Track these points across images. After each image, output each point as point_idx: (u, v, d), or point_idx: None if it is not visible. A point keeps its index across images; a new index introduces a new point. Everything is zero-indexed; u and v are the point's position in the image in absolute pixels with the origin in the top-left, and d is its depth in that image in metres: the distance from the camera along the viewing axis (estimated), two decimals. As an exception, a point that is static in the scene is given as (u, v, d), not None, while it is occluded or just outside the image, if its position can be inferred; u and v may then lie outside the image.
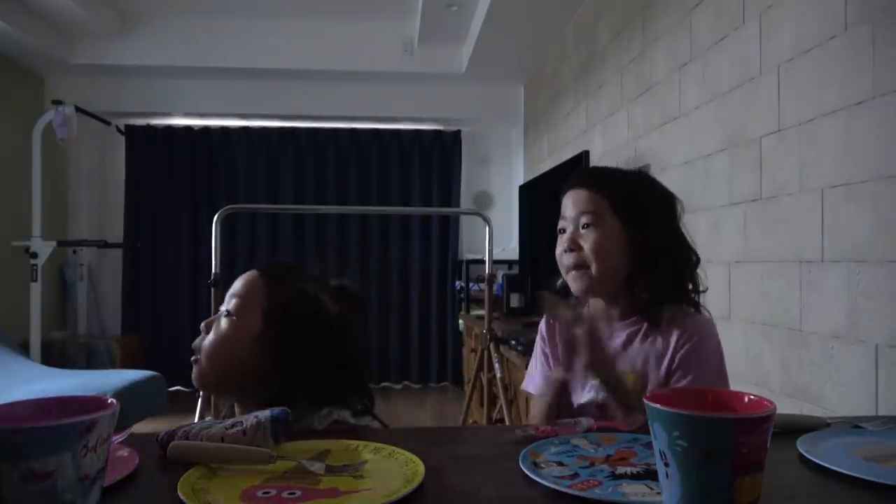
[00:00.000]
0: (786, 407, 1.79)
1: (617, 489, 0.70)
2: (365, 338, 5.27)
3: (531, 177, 4.89)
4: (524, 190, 5.00)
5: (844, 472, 0.73)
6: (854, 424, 0.97)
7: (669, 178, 2.57)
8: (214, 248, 2.83)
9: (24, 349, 4.12)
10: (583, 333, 1.06)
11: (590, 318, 1.09)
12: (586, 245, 1.15)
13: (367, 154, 5.73)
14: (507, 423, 2.83)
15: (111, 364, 5.02)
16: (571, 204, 1.19)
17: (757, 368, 1.98)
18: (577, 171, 1.35)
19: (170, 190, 5.54)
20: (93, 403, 0.62)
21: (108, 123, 5.13)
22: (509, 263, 5.21)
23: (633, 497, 0.67)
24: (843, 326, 1.62)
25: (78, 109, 4.43)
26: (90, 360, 5.08)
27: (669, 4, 2.62)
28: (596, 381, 1.13)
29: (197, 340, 1.12)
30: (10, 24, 4.15)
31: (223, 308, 1.12)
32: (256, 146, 5.64)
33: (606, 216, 1.16)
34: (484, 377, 3.02)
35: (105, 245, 5.00)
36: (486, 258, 3.09)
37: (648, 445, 0.73)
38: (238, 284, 1.14)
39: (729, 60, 2.17)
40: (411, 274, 5.75)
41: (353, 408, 1.07)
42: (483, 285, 3.40)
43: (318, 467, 0.75)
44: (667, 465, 0.57)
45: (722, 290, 2.17)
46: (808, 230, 1.75)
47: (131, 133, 5.52)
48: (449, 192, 5.79)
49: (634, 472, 0.75)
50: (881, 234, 1.51)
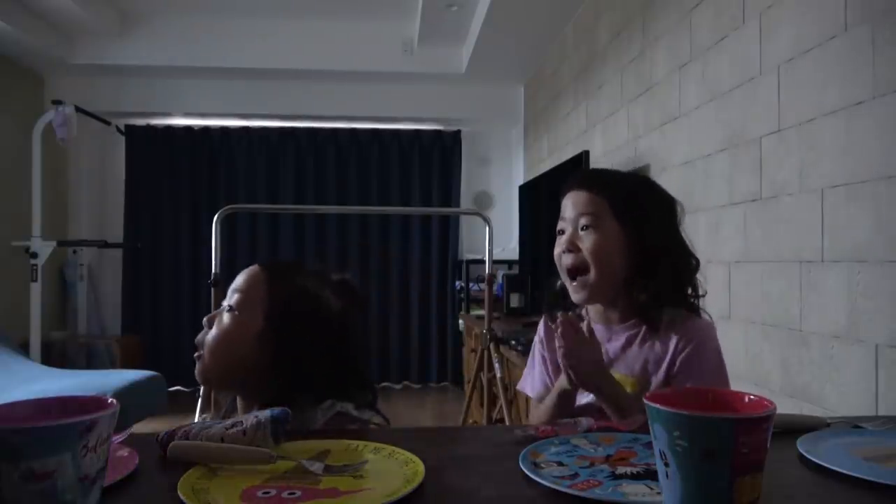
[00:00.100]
0: (786, 407, 1.79)
1: (617, 489, 0.70)
2: (365, 337, 5.28)
3: (531, 177, 4.89)
4: (524, 190, 5.00)
5: (844, 472, 0.73)
6: (854, 424, 0.97)
7: (669, 178, 2.57)
8: (214, 248, 2.83)
9: (24, 349, 4.12)
10: (572, 344, 1.06)
11: (586, 331, 1.09)
12: (585, 246, 1.15)
13: (367, 154, 5.73)
14: (507, 423, 2.83)
15: (111, 364, 5.02)
16: (571, 205, 1.18)
17: (757, 368, 1.98)
18: (576, 172, 1.35)
19: (170, 190, 5.54)
20: (93, 403, 0.62)
21: (108, 123, 5.13)
22: (509, 263, 5.21)
23: (633, 497, 0.67)
24: (843, 326, 1.62)
25: (78, 109, 4.43)
26: (90, 360, 5.08)
27: (669, 4, 2.62)
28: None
29: (199, 335, 1.12)
30: (10, 24, 4.15)
31: (225, 303, 1.12)
32: (256, 146, 5.63)
33: (606, 218, 1.15)
34: (484, 377, 3.02)
35: (105, 245, 5.00)
36: (486, 258, 3.09)
37: (648, 445, 0.73)
38: (240, 279, 1.14)
39: (729, 60, 2.17)
40: (411, 274, 5.74)
41: (356, 401, 1.08)
42: (483, 285, 3.40)
43: (317, 467, 0.75)
44: (667, 465, 0.57)
45: (722, 290, 2.17)
46: (808, 230, 1.75)
47: (131, 133, 5.52)
48: (449, 192, 5.78)
49: (634, 472, 0.75)
50: (881, 234, 1.51)
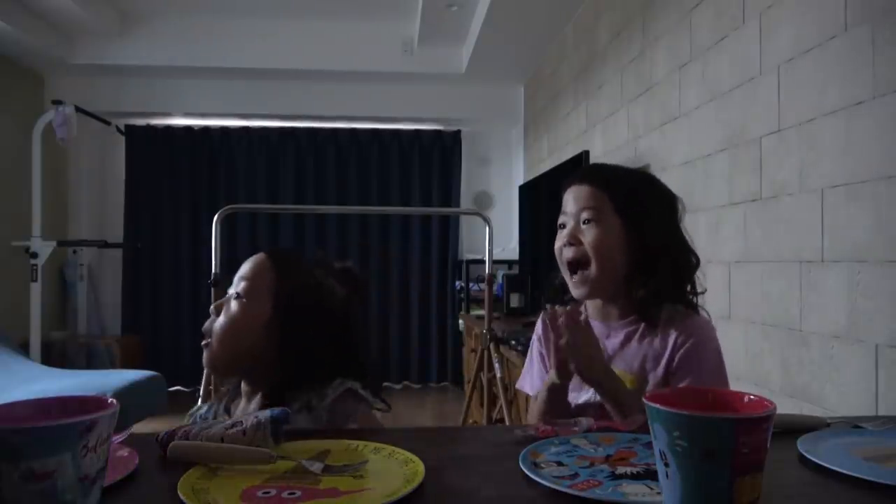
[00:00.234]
0: (786, 407, 1.79)
1: (617, 489, 0.70)
2: (366, 327, 5.30)
3: (531, 177, 4.89)
4: (524, 190, 5.00)
5: (844, 472, 0.73)
6: (854, 424, 0.97)
7: (669, 178, 2.56)
8: (214, 248, 2.83)
9: (24, 349, 4.12)
10: (575, 337, 1.06)
11: (583, 323, 1.08)
12: (587, 240, 1.14)
13: (367, 154, 5.73)
14: (507, 423, 2.83)
15: (111, 364, 5.02)
16: (573, 199, 1.18)
17: (757, 368, 1.98)
18: (579, 167, 1.35)
19: (170, 190, 5.54)
20: (93, 403, 0.62)
21: (108, 123, 5.13)
22: (509, 263, 5.21)
23: (633, 497, 0.67)
24: (843, 326, 1.62)
25: (78, 109, 4.43)
26: (90, 360, 5.08)
27: (669, 4, 2.62)
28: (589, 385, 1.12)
29: (207, 324, 1.13)
30: (10, 24, 4.15)
31: (232, 291, 1.13)
32: (256, 146, 5.64)
33: (608, 213, 1.15)
34: (484, 377, 3.02)
35: (105, 245, 5.00)
36: (486, 258, 3.09)
37: (648, 445, 0.73)
38: (246, 267, 1.15)
39: (729, 60, 2.17)
40: (411, 274, 5.74)
41: (361, 382, 1.10)
42: (483, 285, 3.40)
43: (317, 467, 0.75)
44: (667, 465, 0.57)
45: (722, 290, 2.17)
46: (808, 230, 1.75)
47: (131, 133, 5.52)
48: (449, 192, 5.79)
49: (634, 472, 0.75)
50: (881, 234, 1.51)
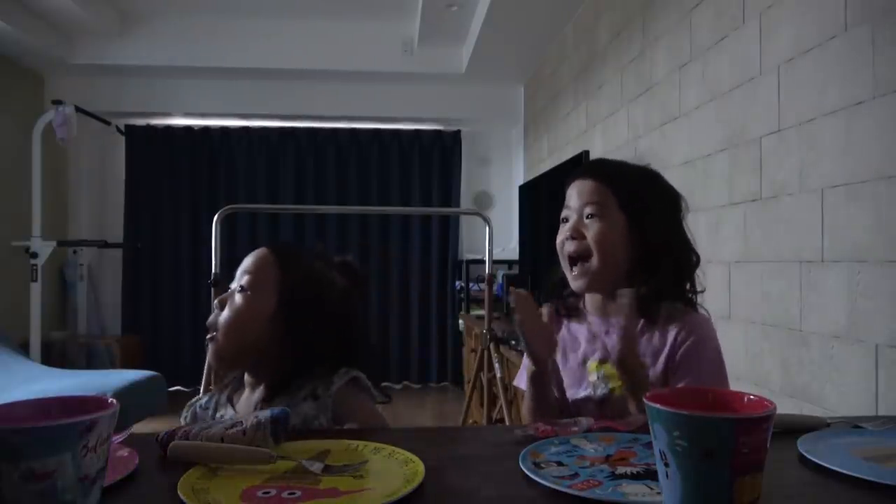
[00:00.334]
0: (786, 407, 1.79)
1: (617, 489, 0.70)
2: (367, 326, 5.31)
3: (531, 177, 4.89)
4: (524, 190, 5.00)
5: (844, 472, 0.73)
6: (854, 424, 0.97)
7: (669, 178, 2.55)
8: (214, 248, 2.83)
9: (24, 349, 4.12)
10: (523, 313, 1.06)
11: (545, 311, 1.10)
12: (589, 235, 1.14)
13: (367, 154, 5.73)
14: (507, 423, 2.83)
15: (111, 364, 5.02)
16: (576, 194, 1.18)
17: (757, 368, 1.98)
18: (584, 162, 1.35)
19: (170, 190, 5.54)
20: (93, 403, 0.62)
21: (108, 123, 5.13)
22: (509, 263, 5.21)
23: (633, 497, 0.67)
24: (843, 326, 1.62)
25: (78, 109, 4.43)
26: (90, 360, 5.08)
27: (669, 4, 2.62)
28: (607, 372, 1.12)
29: (212, 318, 1.14)
30: (10, 24, 4.15)
31: (235, 284, 1.14)
32: (256, 146, 5.63)
33: (611, 208, 1.15)
34: (484, 377, 3.02)
35: (105, 245, 5.00)
36: (486, 258, 3.08)
37: (648, 445, 0.73)
38: (249, 261, 1.16)
39: (729, 60, 2.17)
40: (411, 274, 5.74)
41: (366, 368, 1.12)
42: (483, 285, 3.40)
43: (317, 467, 0.75)
44: (667, 465, 0.57)
45: (722, 290, 2.17)
46: (808, 230, 1.75)
47: (131, 133, 5.52)
48: (449, 192, 5.78)
49: (634, 472, 0.75)
50: (881, 234, 1.51)
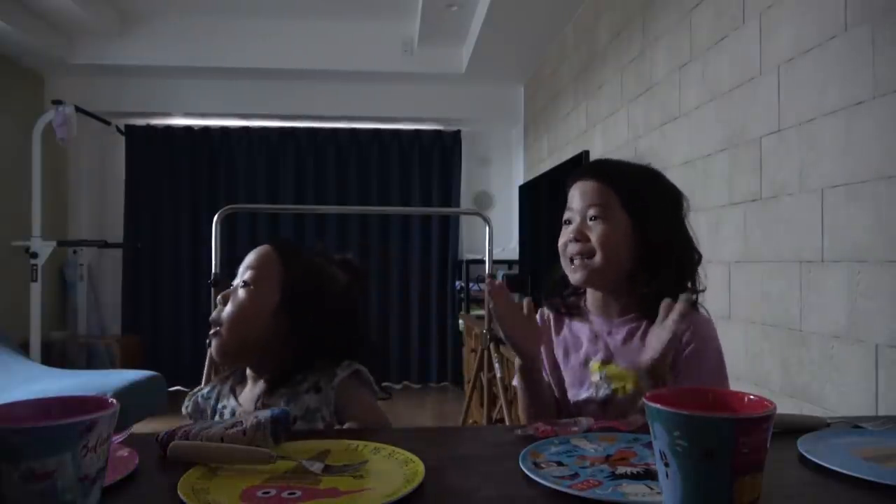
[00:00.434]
0: (786, 407, 1.79)
1: (617, 489, 0.70)
2: (367, 323, 5.35)
3: (531, 177, 4.89)
4: (524, 190, 5.00)
5: (844, 472, 0.73)
6: (854, 424, 0.97)
7: (670, 178, 2.57)
8: (214, 248, 2.83)
9: (24, 349, 4.11)
10: (497, 304, 1.06)
11: (525, 304, 1.10)
12: (594, 236, 1.14)
13: (367, 154, 5.73)
14: (507, 423, 2.82)
15: (111, 364, 5.02)
16: (579, 195, 1.18)
17: (757, 368, 1.98)
18: (585, 163, 1.35)
19: (170, 190, 5.54)
20: (93, 403, 0.62)
21: (108, 123, 5.13)
22: (509, 263, 5.21)
23: (633, 497, 0.67)
24: (843, 326, 1.62)
25: (78, 109, 4.43)
26: (90, 360, 5.08)
27: (669, 4, 2.62)
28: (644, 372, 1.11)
29: (215, 313, 1.15)
30: (10, 24, 4.15)
31: (238, 280, 1.15)
32: (256, 146, 5.63)
33: (615, 209, 1.15)
34: (484, 377, 3.02)
35: (105, 245, 4.99)
36: (486, 258, 3.08)
37: (648, 445, 0.73)
38: (252, 257, 1.17)
39: (729, 60, 2.17)
40: (411, 274, 5.74)
41: (367, 363, 1.14)
42: (483, 285, 3.40)
43: (317, 467, 0.75)
44: (667, 465, 0.57)
45: (722, 290, 2.17)
46: (808, 230, 1.75)
47: (131, 133, 5.52)
48: (449, 192, 5.78)
49: (634, 472, 0.75)
50: (881, 234, 1.51)
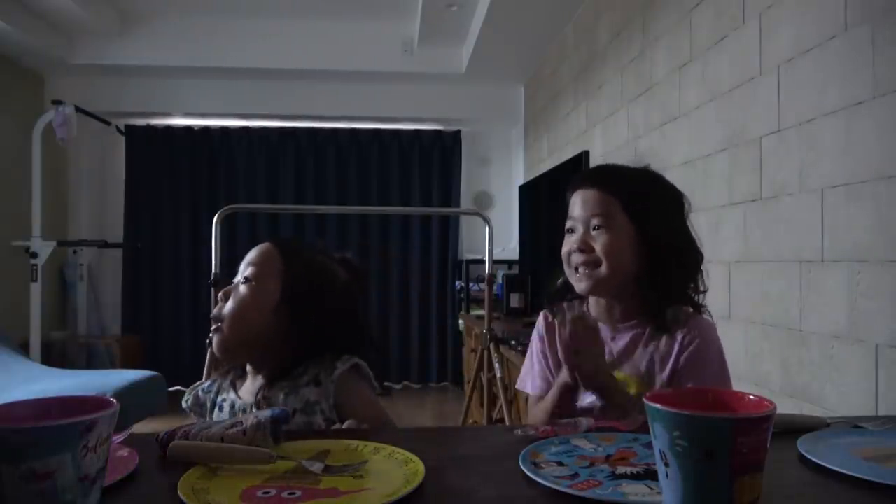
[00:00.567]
0: (786, 407, 1.79)
1: (617, 489, 0.70)
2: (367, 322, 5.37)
3: (531, 177, 4.89)
4: (524, 190, 5.00)
5: (844, 472, 0.73)
6: (854, 424, 0.97)
7: (670, 178, 2.57)
8: (214, 248, 2.83)
9: (24, 349, 4.12)
10: (583, 338, 1.06)
11: (589, 325, 1.09)
12: (598, 246, 1.14)
13: (367, 154, 5.73)
14: (507, 423, 2.83)
15: (111, 364, 5.02)
16: (581, 203, 1.18)
17: (757, 368, 1.98)
18: (584, 169, 1.35)
19: (170, 190, 5.54)
20: (93, 403, 0.62)
21: (108, 123, 5.13)
22: (509, 263, 5.21)
23: (633, 497, 0.67)
24: (843, 326, 1.62)
25: (78, 109, 4.43)
26: (90, 360, 5.08)
27: (669, 4, 2.62)
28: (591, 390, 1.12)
29: (216, 310, 1.16)
30: (10, 24, 4.15)
31: (239, 277, 1.16)
32: (256, 146, 5.63)
33: (617, 216, 1.15)
34: (484, 377, 3.02)
35: (105, 245, 4.99)
36: (486, 258, 3.08)
37: (648, 445, 0.73)
38: (253, 254, 1.18)
39: (729, 60, 2.17)
40: (411, 274, 5.74)
41: (367, 358, 1.16)
42: (483, 285, 3.40)
43: (317, 467, 0.75)
44: (667, 465, 0.57)
45: (722, 290, 2.17)
46: (808, 230, 1.75)
47: (131, 133, 5.52)
48: (449, 192, 5.78)
49: (634, 472, 0.75)
50: (881, 234, 1.51)
